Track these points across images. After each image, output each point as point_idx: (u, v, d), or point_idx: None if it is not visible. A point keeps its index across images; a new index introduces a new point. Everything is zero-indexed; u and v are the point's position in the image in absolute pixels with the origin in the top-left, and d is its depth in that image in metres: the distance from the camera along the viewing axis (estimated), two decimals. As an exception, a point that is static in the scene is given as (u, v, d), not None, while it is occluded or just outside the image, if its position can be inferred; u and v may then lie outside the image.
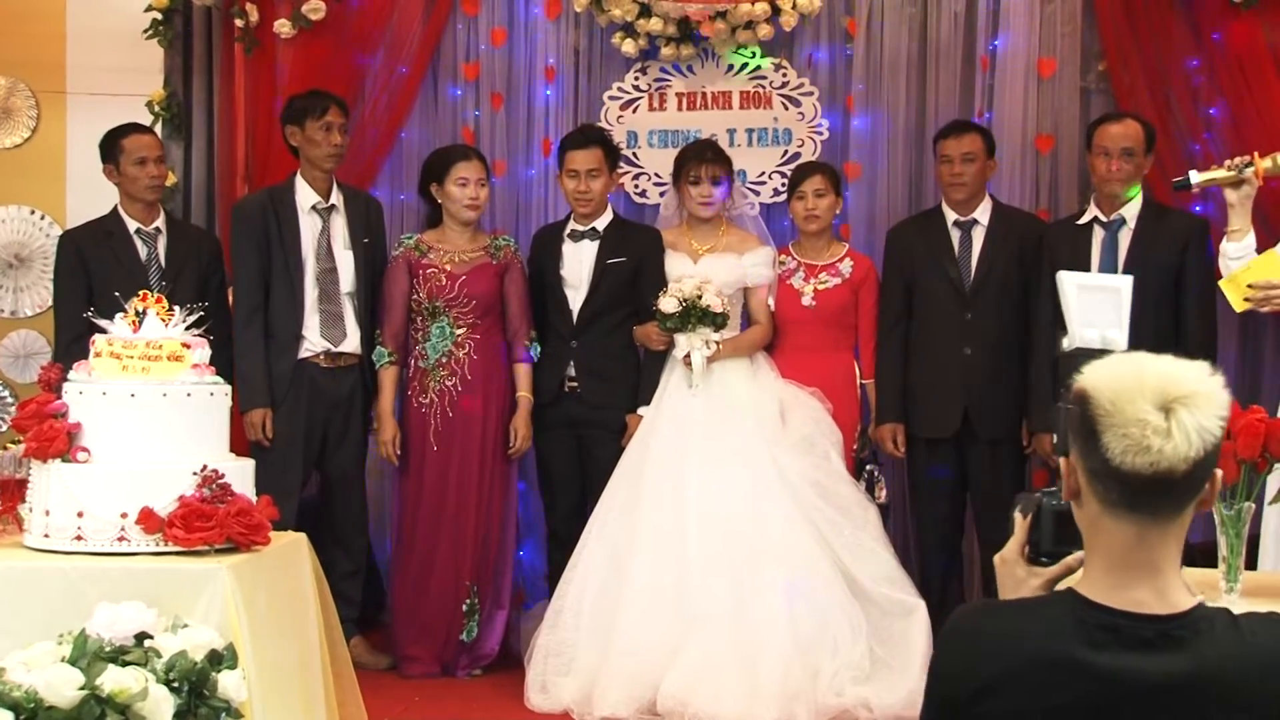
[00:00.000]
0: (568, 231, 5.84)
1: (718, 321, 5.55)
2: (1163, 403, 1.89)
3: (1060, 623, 1.96)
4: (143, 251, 5.75)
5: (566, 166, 5.79)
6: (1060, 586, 2.14)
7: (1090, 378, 1.94)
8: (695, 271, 5.67)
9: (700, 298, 5.51)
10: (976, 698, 1.99)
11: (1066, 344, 3.53)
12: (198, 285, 5.63)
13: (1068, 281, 3.72)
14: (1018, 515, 2.28)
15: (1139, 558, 1.95)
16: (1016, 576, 2.23)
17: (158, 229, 5.80)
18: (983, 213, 5.72)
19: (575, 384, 5.76)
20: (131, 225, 5.77)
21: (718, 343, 5.58)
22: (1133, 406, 1.89)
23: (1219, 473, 1.97)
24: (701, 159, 5.75)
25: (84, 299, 5.50)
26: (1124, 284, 3.76)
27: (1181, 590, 1.97)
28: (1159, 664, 1.91)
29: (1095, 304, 3.57)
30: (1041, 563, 2.23)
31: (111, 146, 5.78)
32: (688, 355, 5.56)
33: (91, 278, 5.68)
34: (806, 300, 5.74)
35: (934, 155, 5.83)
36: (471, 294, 5.66)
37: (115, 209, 5.82)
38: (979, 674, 1.99)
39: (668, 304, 5.54)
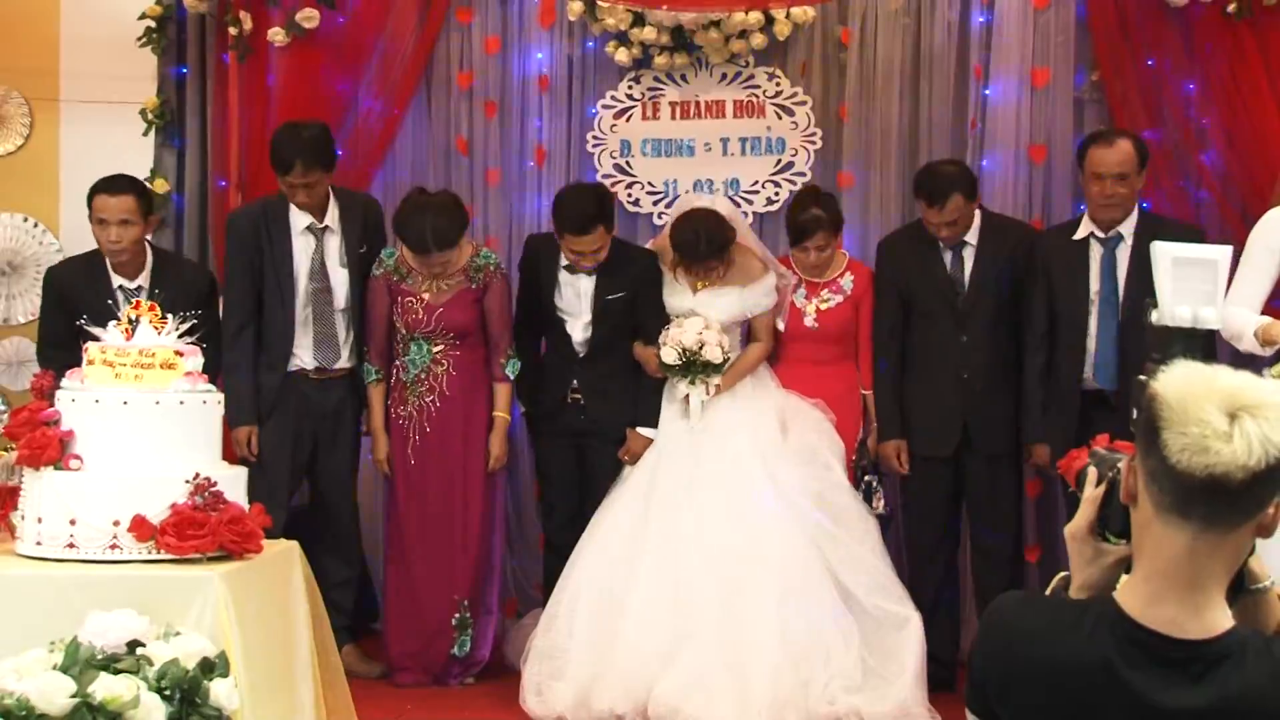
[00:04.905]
0: (564, 264, 5.70)
1: (719, 370, 5.53)
2: (1230, 408, 1.84)
3: (1093, 631, 1.94)
4: (124, 308, 5.52)
5: (568, 247, 5.60)
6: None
7: (1162, 380, 1.89)
8: (694, 304, 5.61)
9: (701, 349, 5.48)
10: (1006, 688, 1.99)
11: (1156, 318, 3.39)
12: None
13: (1163, 252, 3.58)
14: (1090, 474, 2.14)
15: (1183, 571, 1.91)
16: (1085, 555, 2.12)
17: (140, 287, 5.56)
18: (972, 233, 5.67)
19: (578, 395, 5.73)
20: (115, 281, 5.58)
21: (717, 385, 5.56)
22: (1197, 407, 1.84)
23: None
24: (696, 257, 5.57)
25: (62, 332, 5.40)
26: (1221, 256, 3.64)
27: (1219, 611, 1.92)
28: (1184, 688, 1.88)
29: (1190, 278, 3.44)
30: (1109, 541, 2.10)
31: (89, 200, 5.58)
32: (686, 395, 5.56)
33: (72, 317, 5.46)
34: (809, 321, 5.71)
35: (916, 201, 5.71)
36: (449, 326, 5.60)
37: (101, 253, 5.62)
38: (1010, 666, 1.98)
39: (668, 355, 5.50)
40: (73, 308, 5.36)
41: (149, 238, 5.83)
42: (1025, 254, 5.61)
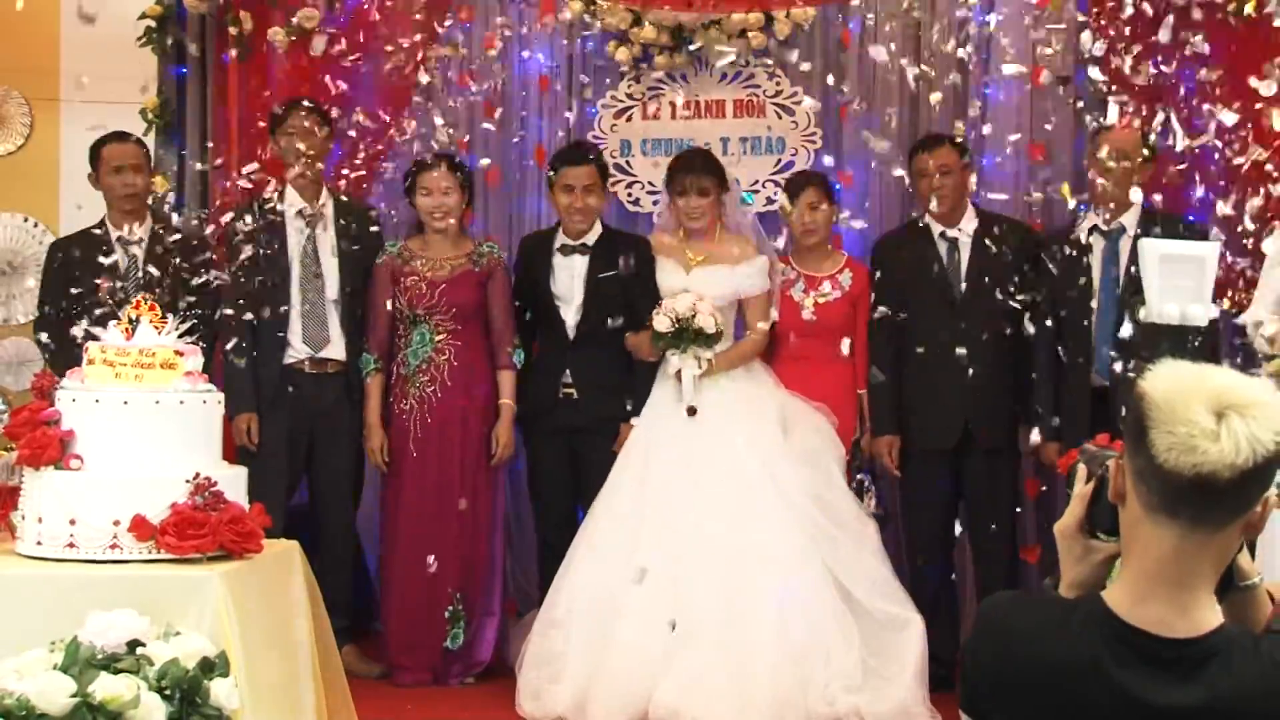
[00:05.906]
0: (558, 246, 5.80)
1: (711, 341, 5.54)
2: (1217, 407, 1.83)
3: (1081, 630, 1.94)
4: (122, 261, 5.71)
5: (560, 182, 5.75)
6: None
7: (1150, 379, 1.89)
8: (687, 283, 5.65)
9: (694, 317, 5.50)
10: (1000, 688, 1.99)
11: (1144, 315, 3.35)
12: (178, 294, 5.60)
13: (1149, 250, 3.54)
14: (1080, 471, 2.13)
15: (1170, 571, 1.90)
16: (1074, 552, 2.11)
17: (140, 238, 5.76)
18: (968, 222, 5.71)
19: (571, 390, 5.74)
20: (114, 234, 5.75)
21: (709, 359, 5.57)
22: (1185, 407, 1.84)
23: (1273, 496, 1.89)
24: (690, 170, 5.71)
25: (60, 301, 5.61)
26: (1209, 252, 3.60)
27: (1207, 609, 1.92)
28: (1174, 687, 1.88)
29: (1177, 275, 3.40)
30: (1099, 538, 2.09)
31: (95, 154, 5.79)
32: (679, 371, 5.56)
33: (72, 283, 5.65)
34: (806, 314, 5.72)
35: (910, 170, 5.82)
36: (452, 302, 5.65)
37: (104, 218, 5.81)
38: (1003, 666, 1.98)
39: (661, 323, 5.52)
40: (70, 272, 5.65)
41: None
42: (1029, 255, 5.62)
